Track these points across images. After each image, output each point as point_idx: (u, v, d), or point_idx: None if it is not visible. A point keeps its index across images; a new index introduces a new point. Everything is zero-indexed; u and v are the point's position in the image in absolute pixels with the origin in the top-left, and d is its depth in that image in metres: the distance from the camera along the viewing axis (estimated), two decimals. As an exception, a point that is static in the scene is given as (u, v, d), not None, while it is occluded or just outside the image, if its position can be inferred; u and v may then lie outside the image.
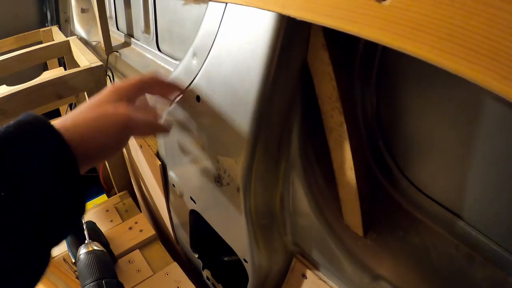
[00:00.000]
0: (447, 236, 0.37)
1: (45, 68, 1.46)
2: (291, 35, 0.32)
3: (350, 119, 0.34)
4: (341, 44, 0.34)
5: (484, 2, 0.17)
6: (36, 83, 0.76)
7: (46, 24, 1.52)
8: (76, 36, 1.11)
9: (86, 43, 1.14)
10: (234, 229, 0.48)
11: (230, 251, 0.53)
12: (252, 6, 0.32)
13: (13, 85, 0.79)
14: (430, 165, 0.37)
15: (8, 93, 0.74)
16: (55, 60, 1.44)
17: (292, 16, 0.29)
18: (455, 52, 0.18)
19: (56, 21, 1.44)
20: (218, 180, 0.44)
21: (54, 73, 1.00)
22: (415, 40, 0.20)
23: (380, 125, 0.40)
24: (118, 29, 1.09)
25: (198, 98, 0.42)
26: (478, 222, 0.34)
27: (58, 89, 0.79)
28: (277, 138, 0.39)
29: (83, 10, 1.31)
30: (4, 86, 1.04)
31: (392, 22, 0.21)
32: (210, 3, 0.40)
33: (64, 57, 1.12)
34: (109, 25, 1.00)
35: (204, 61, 0.41)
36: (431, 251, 0.37)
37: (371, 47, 0.36)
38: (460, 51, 0.18)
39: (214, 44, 0.39)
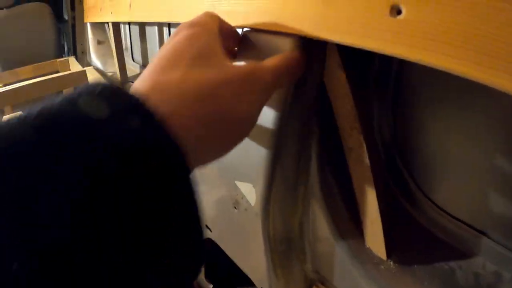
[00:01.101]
0: (472, 255, 0.35)
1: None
2: (307, 57, 0.33)
3: (369, 139, 0.34)
4: (357, 63, 0.34)
5: (494, 6, 0.17)
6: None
7: (63, 55, 1.57)
8: (92, 67, 1.14)
9: (102, 74, 1.17)
10: (251, 257, 0.47)
11: (246, 281, 0.52)
12: (269, 29, 0.33)
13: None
14: (451, 183, 0.36)
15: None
16: (72, 90, 1.47)
17: (309, 36, 0.29)
18: (470, 58, 0.18)
19: (73, 52, 1.48)
20: (235, 206, 0.43)
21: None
22: (430, 50, 0.20)
23: (398, 143, 0.39)
24: (133, 60, 1.12)
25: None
26: (504, 238, 0.33)
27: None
28: (295, 161, 0.39)
29: (99, 42, 1.35)
30: (21, 113, 1.06)
31: (407, 35, 0.21)
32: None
33: (80, 87, 1.14)
34: (124, 56, 1.03)
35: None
36: (456, 272, 0.35)
37: (386, 64, 0.36)
38: (475, 57, 0.18)
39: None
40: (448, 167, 0.36)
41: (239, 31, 0.37)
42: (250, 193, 0.40)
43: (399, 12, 0.22)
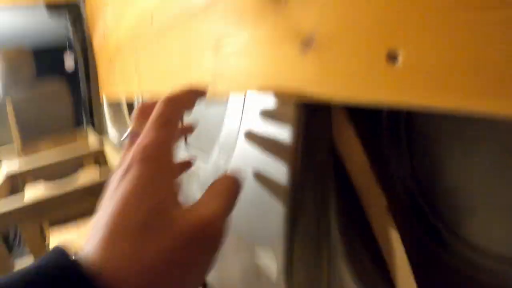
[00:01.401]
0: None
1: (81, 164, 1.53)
2: (313, 118, 0.33)
3: (388, 190, 0.33)
4: (364, 112, 0.33)
5: (487, 32, 0.17)
6: (72, 190, 0.84)
7: (82, 126, 1.62)
8: (108, 135, 1.18)
9: (119, 144, 1.20)
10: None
11: None
12: (270, 91, 0.33)
13: (51, 180, 0.87)
14: (484, 219, 0.33)
15: (46, 198, 0.86)
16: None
17: (309, 100, 0.29)
18: (471, 91, 0.18)
19: (90, 123, 1.53)
20: (256, 274, 0.42)
21: (88, 174, 1.05)
22: (434, 93, 0.19)
23: (419, 185, 0.37)
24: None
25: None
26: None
27: (92, 193, 0.86)
28: (315, 219, 0.38)
29: (115, 112, 1.39)
30: (42, 182, 1.11)
31: (407, 82, 0.21)
32: (230, 100, 0.41)
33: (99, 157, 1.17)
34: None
35: (230, 157, 0.41)
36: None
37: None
38: (477, 89, 0.17)
39: (238, 140, 0.40)
40: (478, 202, 0.33)
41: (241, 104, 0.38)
42: (271, 259, 0.39)
43: (396, 57, 0.21)
